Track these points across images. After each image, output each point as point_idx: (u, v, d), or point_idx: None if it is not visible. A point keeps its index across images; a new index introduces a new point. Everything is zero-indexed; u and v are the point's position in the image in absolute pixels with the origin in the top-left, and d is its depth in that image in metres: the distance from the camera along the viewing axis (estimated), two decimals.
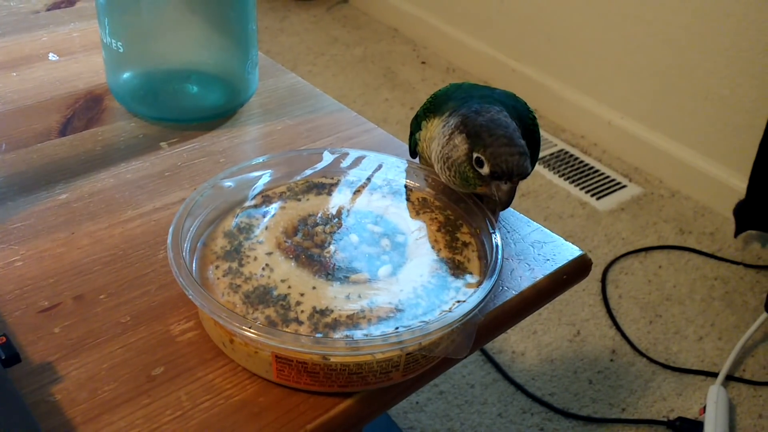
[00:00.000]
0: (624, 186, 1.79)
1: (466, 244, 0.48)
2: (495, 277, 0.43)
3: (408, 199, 0.52)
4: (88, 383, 0.41)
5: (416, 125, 0.54)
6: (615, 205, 1.72)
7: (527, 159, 0.46)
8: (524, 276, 0.50)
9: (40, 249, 0.50)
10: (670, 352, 1.36)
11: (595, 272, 1.52)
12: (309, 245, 0.46)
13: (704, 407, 1.23)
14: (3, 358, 0.40)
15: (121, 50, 0.61)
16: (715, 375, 1.31)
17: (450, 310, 0.42)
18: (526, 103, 0.54)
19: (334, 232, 0.48)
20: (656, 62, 1.76)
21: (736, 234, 1.58)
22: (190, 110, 0.64)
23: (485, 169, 0.46)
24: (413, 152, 0.56)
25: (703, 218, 1.70)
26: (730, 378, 1.31)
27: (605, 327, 1.41)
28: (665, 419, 1.23)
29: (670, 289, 1.50)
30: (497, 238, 0.46)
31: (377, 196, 0.51)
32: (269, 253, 0.45)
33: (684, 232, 1.65)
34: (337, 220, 0.49)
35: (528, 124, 0.52)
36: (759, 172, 1.54)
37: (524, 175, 0.46)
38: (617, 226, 1.66)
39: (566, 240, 0.53)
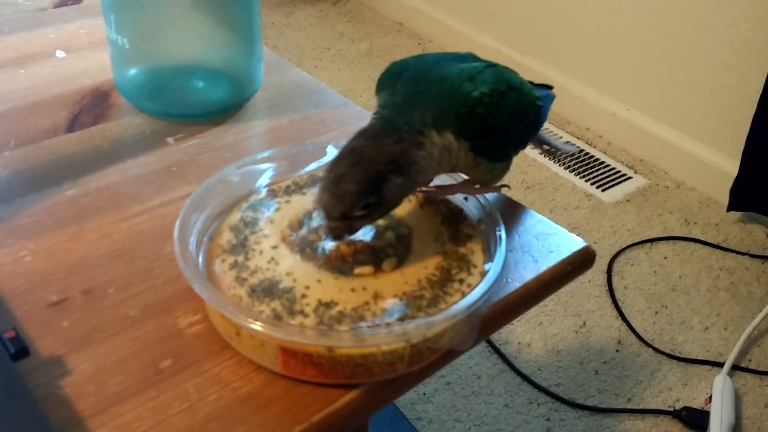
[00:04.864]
0: (629, 177, 1.79)
1: (469, 237, 0.48)
2: (499, 269, 0.44)
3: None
4: (96, 376, 0.41)
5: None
6: (620, 197, 1.72)
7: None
8: (528, 268, 0.50)
9: (49, 244, 0.50)
10: (675, 342, 1.37)
11: (601, 263, 1.52)
12: (314, 239, 0.46)
13: (710, 397, 1.23)
14: (12, 352, 0.40)
15: (127, 47, 0.61)
16: (720, 365, 1.31)
17: (454, 302, 0.42)
18: (502, 73, 0.48)
19: None
20: (661, 54, 1.76)
21: (728, 209, 1.63)
22: (195, 106, 0.65)
23: None
24: None
25: (708, 209, 1.70)
26: (735, 368, 1.32)
27: (611, 318, 1.41)
28: (671, 409, 1.24)
29: (675, 279, 1.50)
30: (501, 231, 0.47)
31: None
32: (275, 247, 0.46)
33: (689, 223, 1.65)
34: None
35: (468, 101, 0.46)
36: (749, 156, 1.55)
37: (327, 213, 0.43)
38: (623, 217, 1.66)
39: (572, 232, 0.54)
